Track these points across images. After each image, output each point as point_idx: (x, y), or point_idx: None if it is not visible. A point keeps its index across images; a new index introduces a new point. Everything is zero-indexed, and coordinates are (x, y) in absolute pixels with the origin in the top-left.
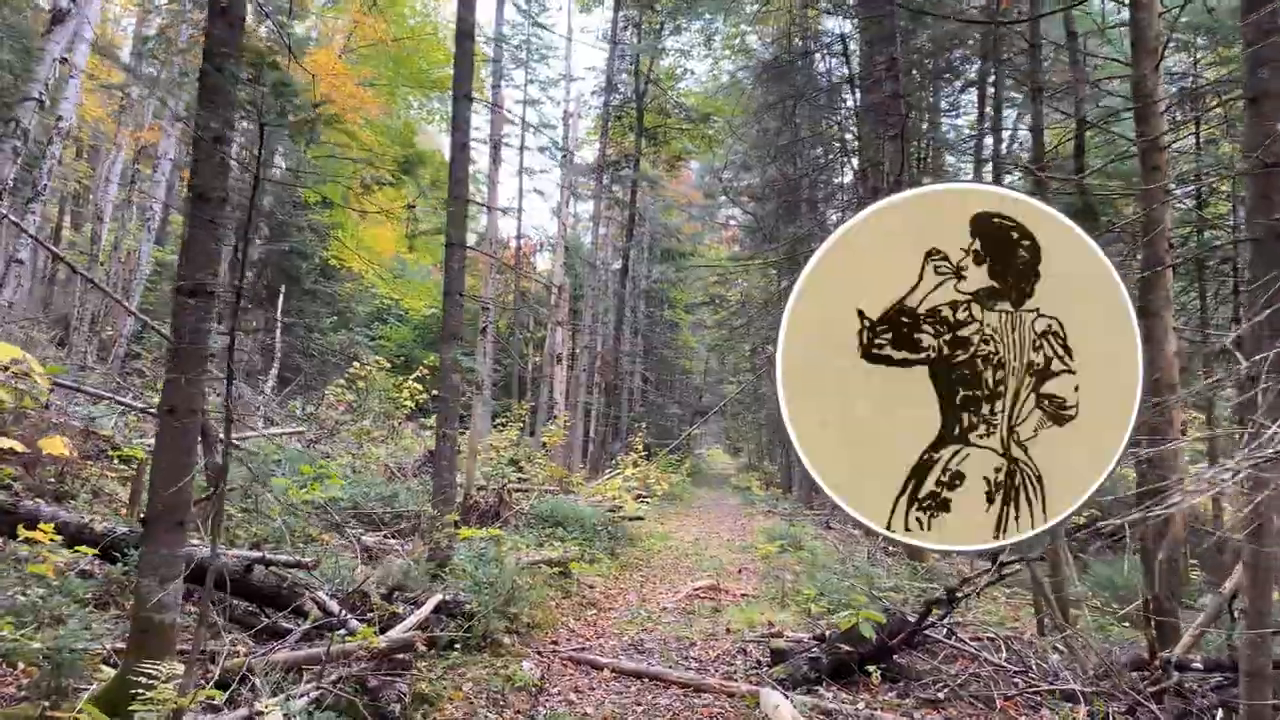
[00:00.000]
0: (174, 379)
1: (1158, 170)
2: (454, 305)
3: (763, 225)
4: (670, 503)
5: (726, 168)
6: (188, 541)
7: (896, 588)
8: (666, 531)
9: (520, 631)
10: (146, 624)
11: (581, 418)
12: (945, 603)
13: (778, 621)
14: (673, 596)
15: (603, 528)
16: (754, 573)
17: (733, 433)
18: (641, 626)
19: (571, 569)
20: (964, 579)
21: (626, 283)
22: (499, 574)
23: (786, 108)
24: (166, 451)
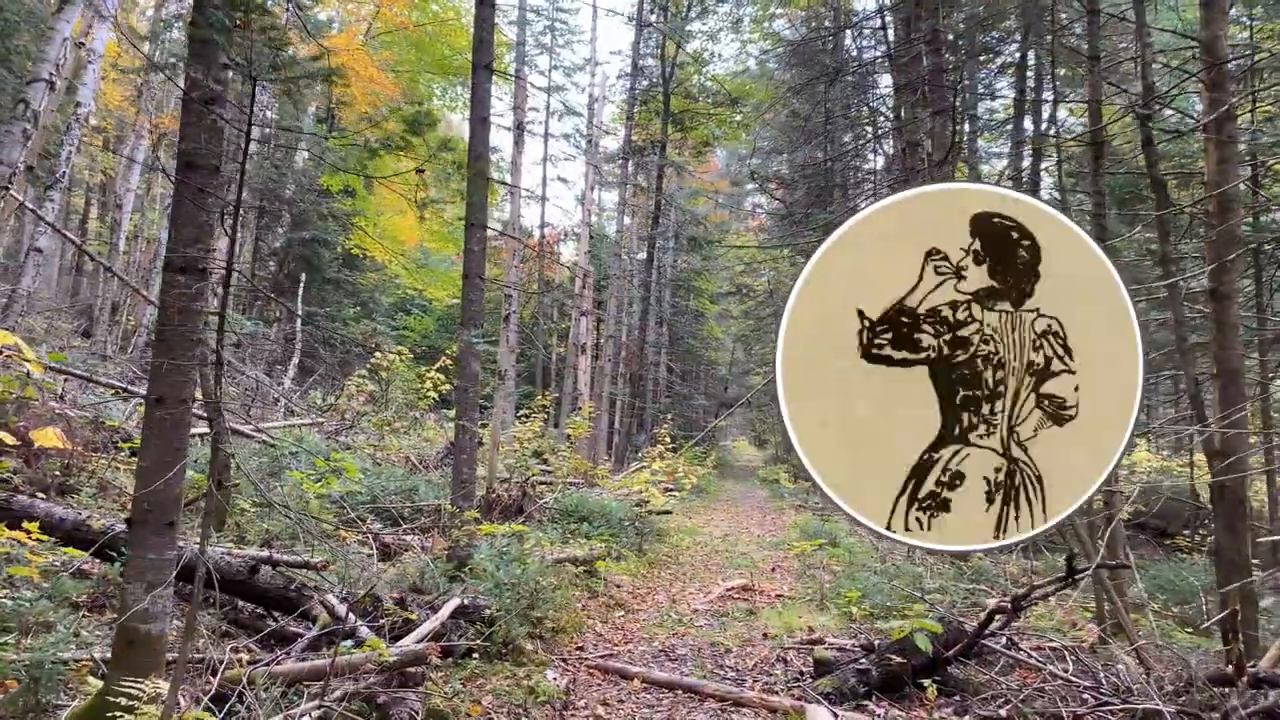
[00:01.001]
0: (161, 365)
1: (1231, 143)
2: (473, 289)
3: (793, 212)
4: (697, 496)
5: (754, 154)
6: (177, 544)
7: (942, 589)
8: (695, 526)
9: (544, 636)
10: (132, 635)
11: (606, 409)
12: (1010, 610)
13: (818, 626)
14: (704, 597)
15: (629, 523)
16: (788, 571)
17: (758, 424)
18: (672, 630)
19: (598, 568)
20: (1033, 586)
21: (652, 271)
22: (522, 574)
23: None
24: (154, 444)
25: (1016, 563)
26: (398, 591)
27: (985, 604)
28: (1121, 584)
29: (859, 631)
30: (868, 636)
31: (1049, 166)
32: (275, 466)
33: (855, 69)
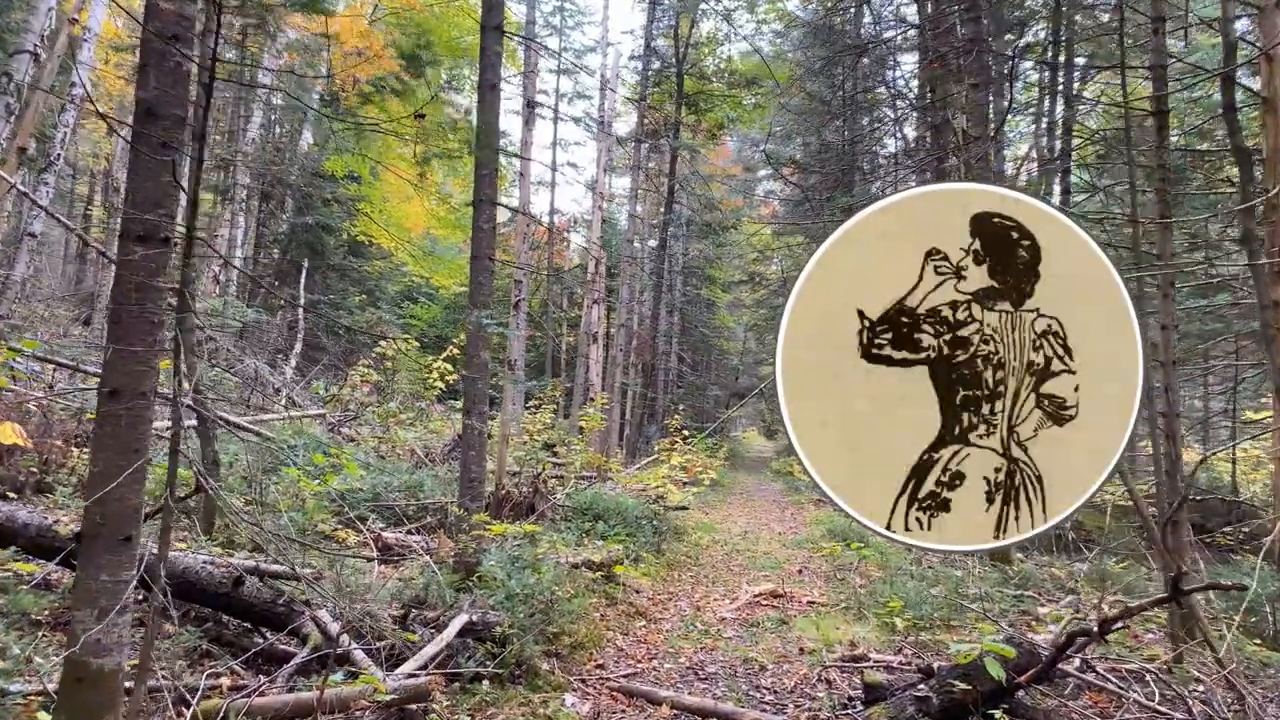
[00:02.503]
0: (117, 352)
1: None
2: (482, 270)
3: (809, 196)
4: (712, 489)
5: (770, 138)
6: (135, 561)
7: (987, 596)
8: (712, 522)
9: (560, 654)
10: (81, 671)
11: (618, 400)
12: (1095, 635)
13: (858, 639)
14: (730, 604)
15: (646, 521)
16: (816, 574)
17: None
18: (699, 643)
19: (616, 572)
20: (1127, 608)
21: (665, 258)
22: (536, 584)
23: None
24: (108, 445)
25: (1062, 566)
26: (399, 605)
27: (1037, 613)
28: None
29: (903, 645)
30: (917, 653)
31: (1080, 146)
32: (273, 462)
33: (878, 43)
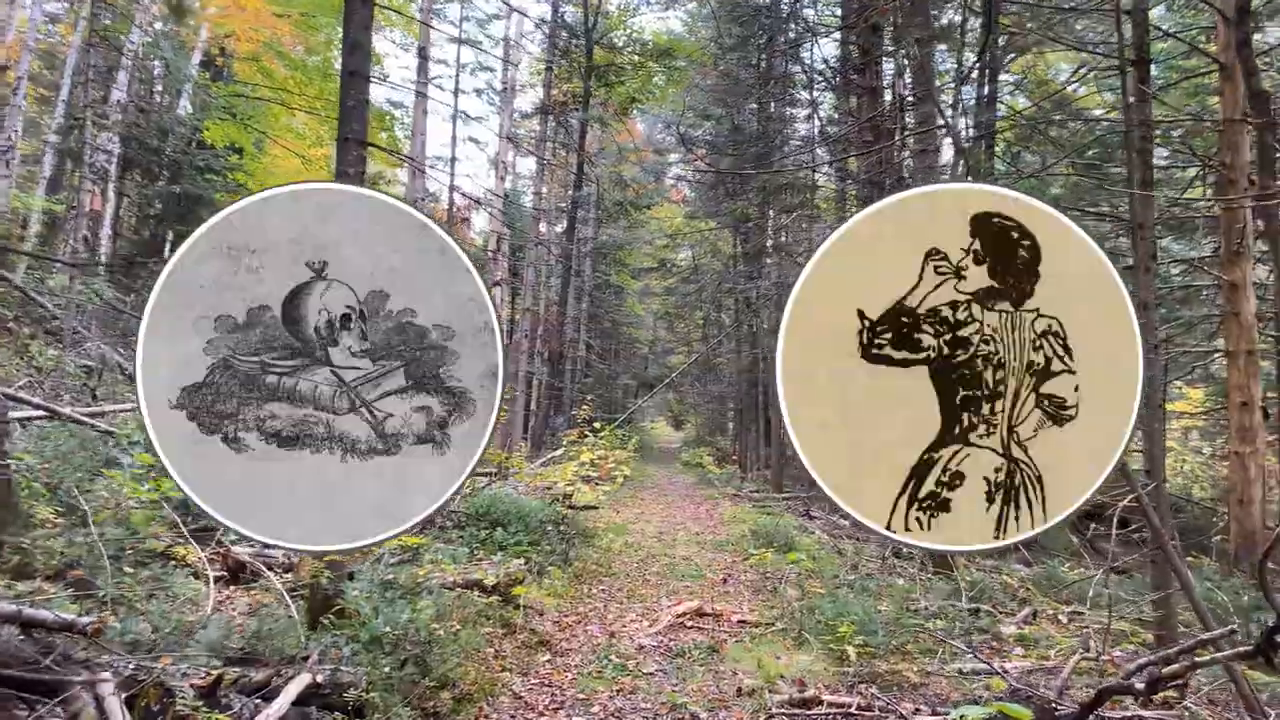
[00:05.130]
0: None
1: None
2: None
3: (722, 180)
4: (623, 484)
5: (683, 116)
6: None
7: (942, 613)
8: (624, 522)
9: (440, 712)
10: None
11: (523, 389)
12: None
13: (805, 672)
14: (649, 627)
15: (552, 526)
16: (743, 584)
17: (676, 405)
18: (615, 683)
19: (515, 594)
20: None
21: (574, 240)
22: (411, 620)
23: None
24: None
25: (1013, 573)
26: (219, 660)
27: (998, 631)
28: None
29: (858, 680)
30: (877, 694)
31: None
32: (98, 462)
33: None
